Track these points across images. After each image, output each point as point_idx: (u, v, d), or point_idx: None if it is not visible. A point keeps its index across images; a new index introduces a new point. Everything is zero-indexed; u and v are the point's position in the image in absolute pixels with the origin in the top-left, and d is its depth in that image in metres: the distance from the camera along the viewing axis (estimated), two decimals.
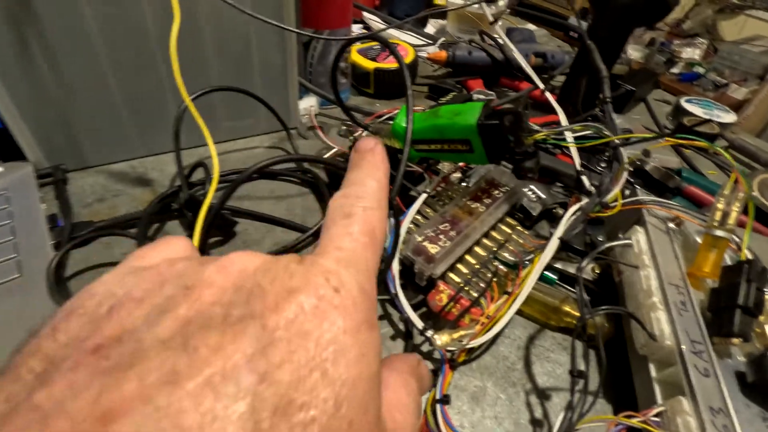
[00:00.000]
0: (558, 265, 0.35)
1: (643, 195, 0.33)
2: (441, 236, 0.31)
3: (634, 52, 1.69)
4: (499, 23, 0.76)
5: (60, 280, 0.30)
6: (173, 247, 0.14)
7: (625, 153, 0.33)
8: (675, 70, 1.60)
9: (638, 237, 0.30)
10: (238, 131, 0.47)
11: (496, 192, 0.35)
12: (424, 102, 0.59)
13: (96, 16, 0.34)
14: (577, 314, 0.31)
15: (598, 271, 0.35)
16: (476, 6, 0.65)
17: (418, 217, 0.34)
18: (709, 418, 0.21)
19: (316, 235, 0.36)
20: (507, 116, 0.29)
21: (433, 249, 0.30)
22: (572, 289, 0.34)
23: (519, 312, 0.32)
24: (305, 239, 0.36)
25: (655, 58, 1.64)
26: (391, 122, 0.37)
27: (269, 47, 0.43)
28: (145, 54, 0.38)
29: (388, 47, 0.24)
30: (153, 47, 0.38)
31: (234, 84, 0.41)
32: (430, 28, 0.79)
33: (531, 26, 0.92)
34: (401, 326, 0.31)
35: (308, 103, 0.51)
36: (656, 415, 0.23)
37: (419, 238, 0.30)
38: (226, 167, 0.42)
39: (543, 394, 0.29)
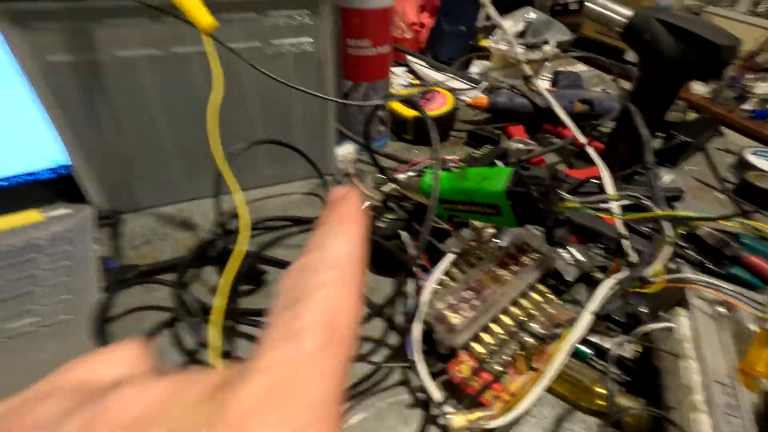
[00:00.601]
0: (594, 339, 0.32)
1: (689, 271, 0.30)
2: (464, 305, 0.30)
3: (699, 87, 1.59)
4: (546, 65, 0.75)
5: (104, 323, 0.32)
6: (105, 365, 0.12)
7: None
8: (747, 106, 1.48)
9: (681, 321, 0.28)
10: (277, 177, 0.49)
11: (526, 259, 0.33)
12: (462, 149, 0.59)
13: (154, 82, 0.38)
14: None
15: (639, 351, 0.32)
16: (520, 51, 0.65)
17: (445, 277, 0.34)
18: None
19: None
20: (535, 186, 0.28)
21: (454, 319, 0.29)
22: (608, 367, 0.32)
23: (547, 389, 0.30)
24: None
25: (724, 93, 1.53)
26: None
27: (310, 103, 0.45)
28: (195, 111, 0.41)
29: (416, 108, 0.24)
30: (203, 105, 0.41)
31: (275, 133, 0.43)
32: (474, 69, 0.79)
33: (581, 66, 0.90)
34: (420, 395, 0.30)
35: (346, 150, 0.52)
36: None
37: (441, 306, 0.30)
38: (263, 213, 0.44)
39: None
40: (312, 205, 0.47)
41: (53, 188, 0.41)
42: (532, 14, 0.70)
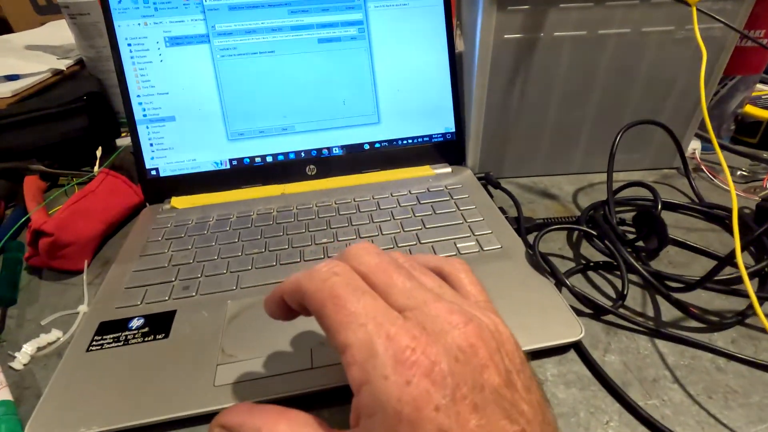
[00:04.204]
0: None
1: None
2: None
3: None
4: None
5: (543, 257, 0.36)
6: None
7: None
8: None
9: None
10: (623, 164, 0.50)
11: None
12: None
13: (569, 61, 0.42)
14: None
15: None
16: None
17: None
18: None
19: (757, 273, 0.34)
20: None
21: None
22: None
23: None
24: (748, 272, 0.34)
25: None
26: None
27: (689, 87, 0.45)
28: (584, 91, 0.44)
29: None
30: (594, 85, 0.44)
31: (642, 117, 0.44)
32: None
33: None
34: None
35: (693, 146, 0.50)
36: None
37: None
38: (617, 196, 0.44)
39: None
40: (668, 193, 0.46)
41: (440, 150, 0.49)
42: None
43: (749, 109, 0.52)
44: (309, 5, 0.45)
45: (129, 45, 0.42)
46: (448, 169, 0.49)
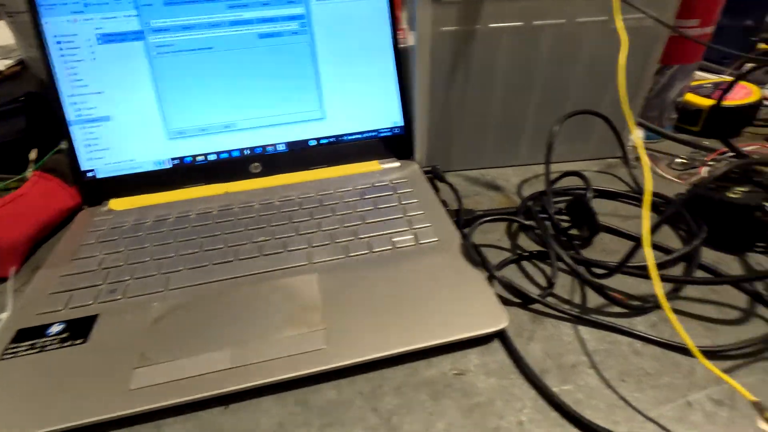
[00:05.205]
0: None
1: None
2: None
3: None
4: None
5: (475, 249, 0.36)
6: None
7: None
8: None
9: None
10: (565, 155, 0.50)
11: None
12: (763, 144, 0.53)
13: (506, 52, 0.43)
14: None
15: None
16: None
17: None
18: None
19: (684, 258, 0.35)
20: None
21: None
22: None
23: None
24: (672, 259, 0.35)
25: None
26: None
27: (627, 78, 0.45)
28: (527, 82, 0.45)
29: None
30: (534, 77, 0.45)
31: (582, 107, 0.44)
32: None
33: None
34: None
35: (636, 134, 0.51)
36: None
37: None
38: (560, 184, 0.45)
39: None
40: (609, 182, 0.47)
41: (389, 144, 0.49)
42: None
43: (690, 97, 0.54)
44: (248, 0, 0.44)
45: (58, 43, 0.41)
46: (397, 164, 0.49)
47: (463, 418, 0.25)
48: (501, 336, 0.30)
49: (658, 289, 0.26)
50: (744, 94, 0.53)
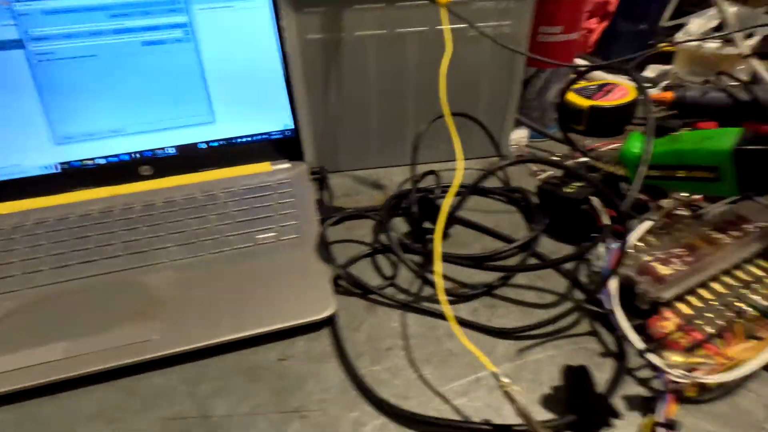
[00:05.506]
0: None
1: None
2: (674, 260, 0.29)
3: None
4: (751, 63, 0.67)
5: (327, 243, 0.38)
6: None
7: None
8: None
9: None
10: (452, 154, 0.53)
11: (749, 227, 0.31)
12: None
13: (376, 59, 0.45)
14: None
15: None
16: (717, 43, 0.60)
17: (640, 243, 0.33)
18: None
19: (522, 247, 0.38)
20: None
21: (663, 270, 0.28)
22: None
23: None
24: (510, 249, 0.38)
25: None
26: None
27: (497, 81, 0.48)
28: (399, 86, 0.47)
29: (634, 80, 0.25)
30: (407, 81, 0.47)
31: (459, 111, 0.47)
32: (650, 72, 0.75)
33: None
34: (612, 347, 0.30)
35: (519, 135, 0.54)
36: None
37: (647, 258, 0.29)
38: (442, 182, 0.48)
39: None
40: (487, 181, 0.50)
41: (280, 147, 0.51)
42: (731, 8, 0.64)
43: (572, 98, 0.57)
44: (129, 9, 0.45)
45: None
46: (287, 165, 0.51)
47: (270, 399, 0.28)
48: (331, 323, 0.32)
49: (439, 278, 0.28)
50: (621, 94, 0.57)
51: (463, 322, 0.32)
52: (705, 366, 0.25)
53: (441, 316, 0.33)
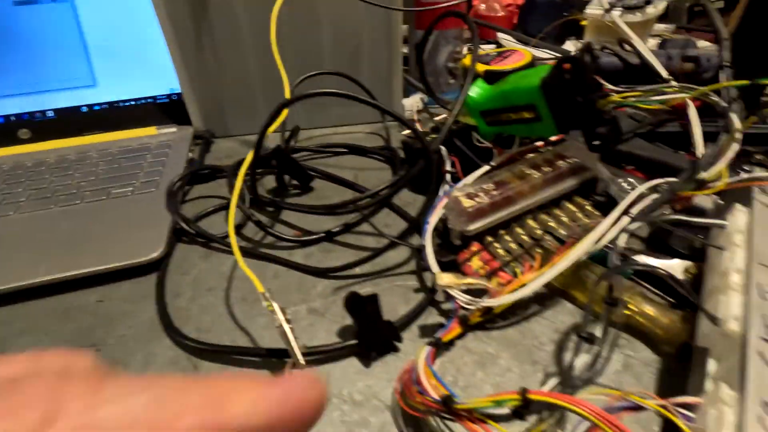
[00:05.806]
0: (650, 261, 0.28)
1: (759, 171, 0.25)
2: (482, 194, 0.29)
3: None
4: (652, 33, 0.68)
5: (174, 197, 0.38)
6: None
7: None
8: None
9: (737, 217, 0.23)
10: (344, 118, 0.53)
11: (562, 162, 0.31)
12: None
13: (246, 14, 0.45)
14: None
15: (693, 272, 0.27)
16: (617, 14, 0.60)
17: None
18: (756, 413, 0.14)
19: (373, 196, 0.38)
20: (568, 65, 0.27)
21: (468, 203, 0.28)
22: (654, 290, 0.28)
23: (567, 296, 0.28)
24: (362, 198, 0.38)
25: None
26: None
27: (378, 44, 0.48)
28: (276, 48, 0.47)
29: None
30: (282, 44, 0.47)
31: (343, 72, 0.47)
32: (569, 45, 0.76)
33: (704, 43, 0.79)
34: (428, 282, 0.30)
35: (414, 100, 0.54)
36: (688, 409, 0.17)
37: (456, 194, 0.29)
38: (326, 141, 0.48)
39: None
40: (373, 141, 0.50)
41: (167, 111, 0.51)
42: None
43: (466, 63, 0.57)
44: None
45: None
46: (173, 129, 0.50)
47: (74, 336, 0.27)
48: (159, 268, 0.32)
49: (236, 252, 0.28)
50: (516, 59, 0.57)
51: (291, 265, 0.32)
52: (481, 282, 0.25)
53: (273, 260, 0.33)
